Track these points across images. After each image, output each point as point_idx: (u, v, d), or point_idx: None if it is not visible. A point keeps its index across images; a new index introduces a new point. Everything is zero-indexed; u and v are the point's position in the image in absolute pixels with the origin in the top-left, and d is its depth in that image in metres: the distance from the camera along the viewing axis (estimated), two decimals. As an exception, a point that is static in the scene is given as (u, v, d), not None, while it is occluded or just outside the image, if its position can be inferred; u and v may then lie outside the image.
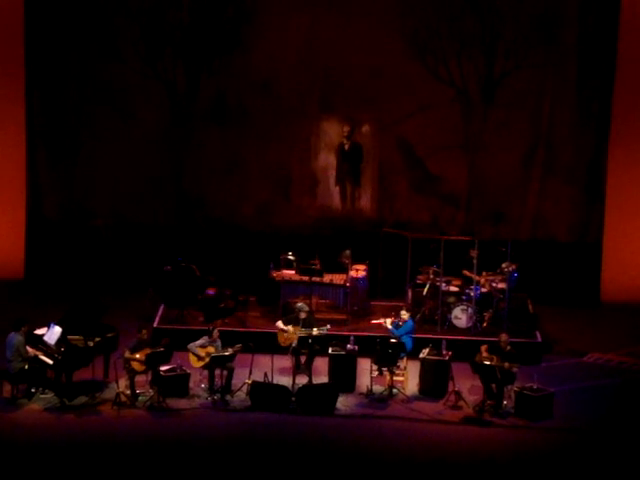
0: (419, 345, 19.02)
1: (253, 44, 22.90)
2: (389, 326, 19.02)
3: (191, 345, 18.42)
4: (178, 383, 18.23)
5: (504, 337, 18.19)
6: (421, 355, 18.75)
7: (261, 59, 22.93)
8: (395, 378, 18.52)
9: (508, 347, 18.08)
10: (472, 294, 20.53)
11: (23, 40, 23.03)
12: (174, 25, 23.03)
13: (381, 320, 19.30)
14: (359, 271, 21.34)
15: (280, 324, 19.28)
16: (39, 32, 23.05)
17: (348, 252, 21.17)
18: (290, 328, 19.04)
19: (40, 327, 18.55)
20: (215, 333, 18.51)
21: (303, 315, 19.16)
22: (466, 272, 20.88)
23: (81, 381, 18.12)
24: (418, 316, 20.76)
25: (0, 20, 22.97)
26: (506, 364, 17.69)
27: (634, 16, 22.41)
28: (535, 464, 16.26)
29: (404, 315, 19.07)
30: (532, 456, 16.49)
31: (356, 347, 18.95)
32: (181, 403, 17.99)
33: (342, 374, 18.65)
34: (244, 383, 18.26)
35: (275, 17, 22.79)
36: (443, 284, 20.67)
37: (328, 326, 19.04)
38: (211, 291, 21.06)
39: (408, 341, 18.87)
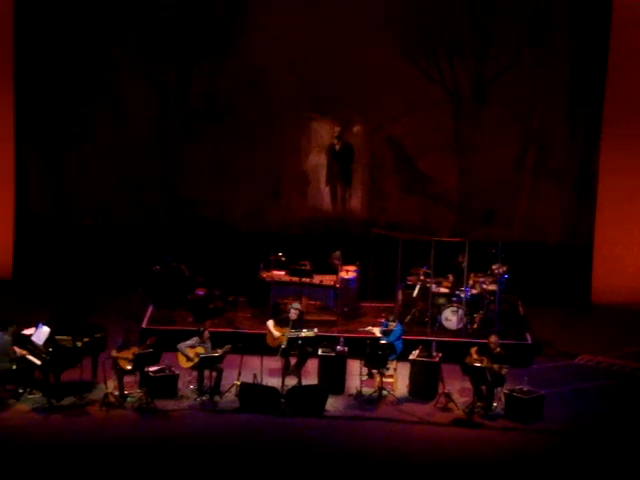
0: (409, 346, 18.95)
1: (244, 44, 22.83)
2: (378, 334, 18.93)
3: (181, 345, 18.34)
4: (167, 384, 18.14)
5: (493, 339, 18.15)
6: (411, 356, 18.69)
7: (252, 59, 22.87)
8: (385, 380, 18.46)
9: (498, 349, 18.03)
10: (462, 296, 20.48)
11: (12, 37, 22.91)
12: (164, 24, 22.92)
13: (368, 328, 19.20)
14: (349, 272, 21.27)
15: (271, 324, 19.20)
16: (29, 30, 22.95)
17: (338, 253, 21.12)
18: (278, 333, 18.95)
19: (28, 327, 18.45)
20: (206, 334, 18.44)
21: (294, 316, 19.09)
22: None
23: (69, 381, 18.02)
24: (408, 317, 20.71)
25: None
26: (495, 366, 17.64)
27: (626, 18, 22.35)
28: (525, 466, 16.21)
29: (392, 325, 18.99)
30: (522, 458, 16.44)
31: (346, 348, 18.88)
32: (169, 404, 17.91)
33: (332, 376, 18.57)
34: (233, 384, 18.19)
35: (266, 17, 22.70)
36: (433, 285, 20.61)
37: (315, 329, 18.96)
38: (201, 291, 21.02)
39: (398, 344, 18.80)
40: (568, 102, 22.79)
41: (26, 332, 18.35)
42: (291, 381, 18.45)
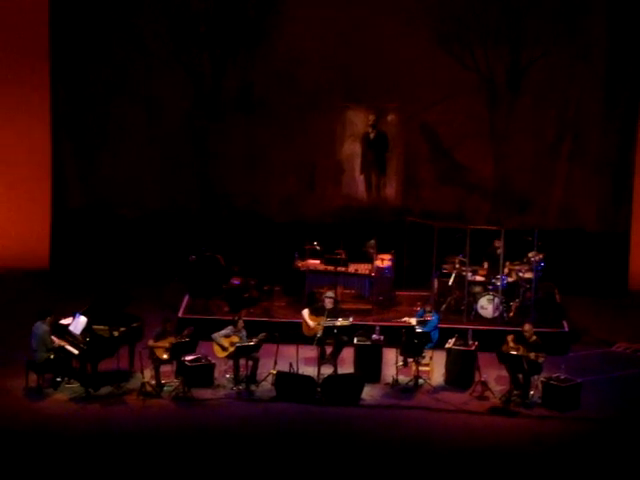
0: (445, 335, 18.92)
1: (278, 34, 22.82)
2: (414, 324, 18.90)
3: (215, 335, 18.40)
4: (203, 373, 18.22)
5: (527, 327, 18.07)
6: (447, 345, 18.65)
7: (286, 49, 22.84)
8: (421, 368, 18.44)
9: (533, 337, 17.96)
10: (498, 284, 20.40)
11: (48, 31, 23.04)
12: (199, 16, 22.95)
13: (405, 319, 19.19)
14: (384, 261, 21.25)
15: (306, 313, 19.22)
16: (64, 24, 23.05)
17: (373, 242, 21.11)
18: (313, 322, 18.97)
19: (65, 317, 18.57)
20: (240, 323, 18.50)
21: (329, 305, 19.10)
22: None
23: (106, 371, 18.12)
24: (444, 306, 20.68)
25: (25, 12, 22.98)
26: (532, 354, 17.57)
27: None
28: (562, 454, 16.15)
29: (428, 315, 18.97)
30: (559, 446, 16.38)
31: (382, 337, 18.88)
32: (206, 393, 17.98)
33: (367, 364, 18.58)
34: (269, 373, 18.23)
35: (300, 6, 22.68)
36: (469, 274, 20.55)
37: (351, 318, 18.95)
38: (236, 281, 21.06)
39: (434, 333, 18.77)
40: (605, 89, 22.60)
41: (64, 322, 18.48)
42: (327, 370, 18.46)
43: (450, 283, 20.85)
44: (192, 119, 23.32)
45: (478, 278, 20.82)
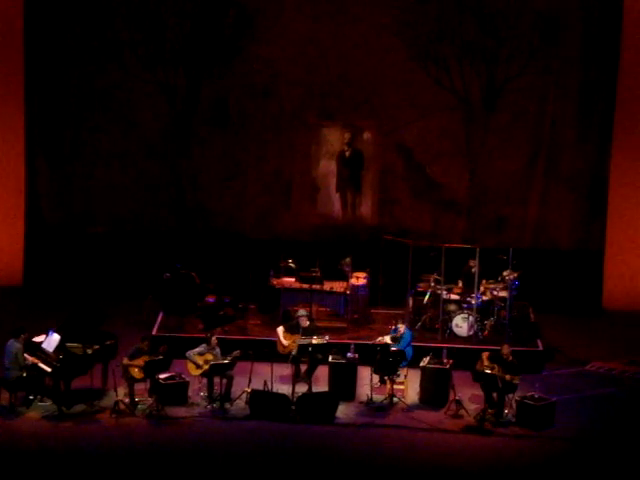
0: (420, 353, 18.92)
1: (253, 51, 22.85)
2: (389, 341, 18.88)
3: (189, 353, 18.32)
4: (177, 391, 18.14)
5: (506, 349, 18.05)
6: (422, 364, 18.64)
7: (262, 66, 22.87)
8: (395, 387, 18.42)
9: (510, 357, 17.97)
10: (473, 302, 20.43)
11: (23, 47, 22.97)
12: (174, 31, 22.95)
13: (379, 339, 19.15)
14: (359, 279, 21.24)
15: (281, 330, 19.18)
16: (39, 38, 22.99)
17: (348, 259, 21.10)
18: (288, 340, 18.93)
19: (39, 334, 18.46)
20: (213, 340, 18.44)
21: (304, 323, 19.07)
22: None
23: (79, 389, 18.03)
24: (419, 324, 20.68)
25: (-1, 26, 22.97)
26: (507, 376, 17.58)
27: (637, 23, 22.33)
28: (536, 473, 16.15)
29: (401, 328, 18.96)
30: (533, 465, 16.38)
31: (356, 355, 18.85)
32: (180, 411, 17.89)
33: (342, 382, 18.54)
34: (243, 391, 18.17)
35: (276, 24, 22.73)
36: (444, 292, 20.57)
37: (327, 337, 18.92)
38: (211, 299, 20.99)
39: (409, 350, 18.77)
40: (579, 107, 22.71)
41: (37, 339, 18.38)
42: (301, 388, 18.42)
43: (425, 301, 20.89)
44: (167, 135, 23.28)
45: (453, 296, 20.86)
